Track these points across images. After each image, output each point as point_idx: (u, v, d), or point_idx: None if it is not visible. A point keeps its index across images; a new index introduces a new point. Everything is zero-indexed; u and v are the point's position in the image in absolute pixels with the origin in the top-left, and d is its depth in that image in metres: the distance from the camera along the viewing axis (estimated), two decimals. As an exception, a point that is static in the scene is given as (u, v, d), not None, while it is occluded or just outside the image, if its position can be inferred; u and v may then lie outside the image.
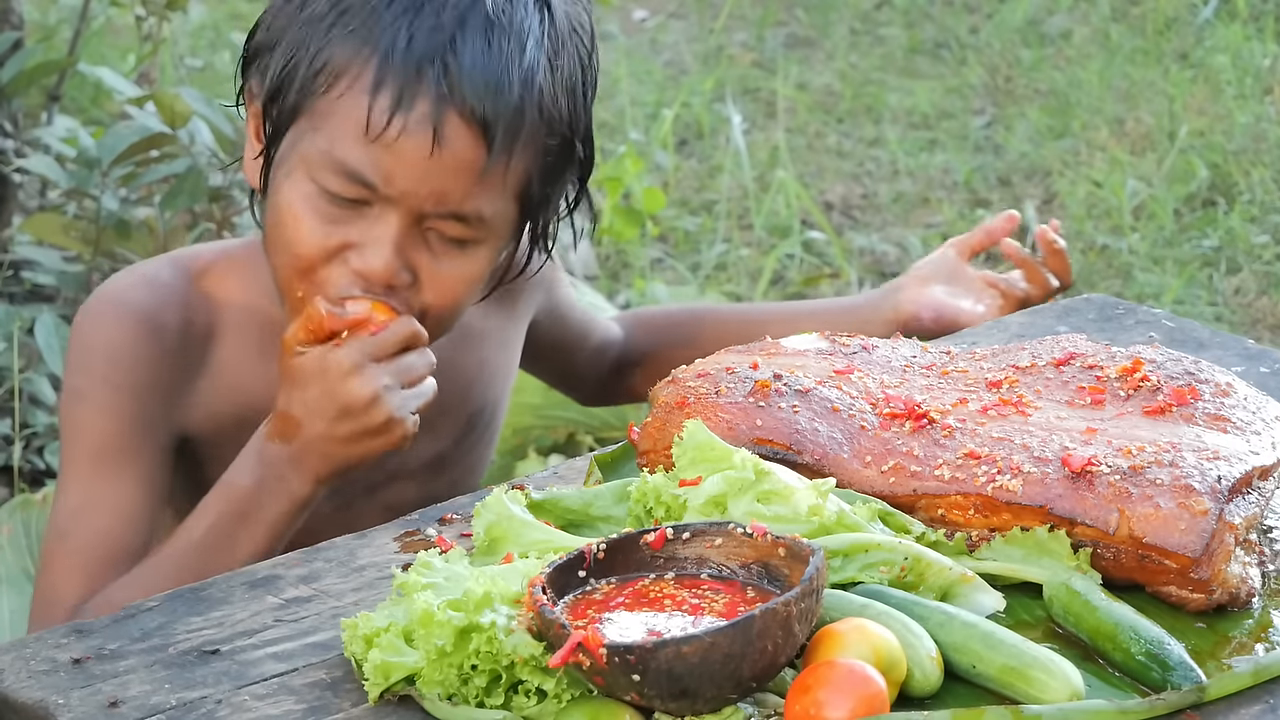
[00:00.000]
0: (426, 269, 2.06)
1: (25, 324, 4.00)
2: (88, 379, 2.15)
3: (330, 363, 2.01)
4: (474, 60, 2.01)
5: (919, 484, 1.92)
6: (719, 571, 1.77)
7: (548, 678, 1.68)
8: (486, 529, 1.87)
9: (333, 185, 2.03)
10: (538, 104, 2.04)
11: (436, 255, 2.07)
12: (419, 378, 2.04)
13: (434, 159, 2.01)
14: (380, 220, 2.04)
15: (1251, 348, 2.39)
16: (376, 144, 2.01)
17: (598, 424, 3.92)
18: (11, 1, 4.40)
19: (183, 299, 2.19)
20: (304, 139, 2.05)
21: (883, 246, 5.26)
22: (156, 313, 2.16)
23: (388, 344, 2.02)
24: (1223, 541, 1.84)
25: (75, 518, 2.12)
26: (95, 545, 2.10)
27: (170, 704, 1.73)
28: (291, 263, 2.06)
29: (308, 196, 2.05)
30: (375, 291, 2.04)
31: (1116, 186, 5.34)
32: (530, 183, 2.08)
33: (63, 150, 4.35)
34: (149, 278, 2.20)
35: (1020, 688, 1.72)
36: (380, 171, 2.02)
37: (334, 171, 2.03)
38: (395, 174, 2.02)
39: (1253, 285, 4.99)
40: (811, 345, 2.12)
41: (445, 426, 2.30)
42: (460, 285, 2.08)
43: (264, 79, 2.08)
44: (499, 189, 2.06)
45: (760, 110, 6.13)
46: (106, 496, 2.12)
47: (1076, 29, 6.54)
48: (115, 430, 2.13)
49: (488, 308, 2.31)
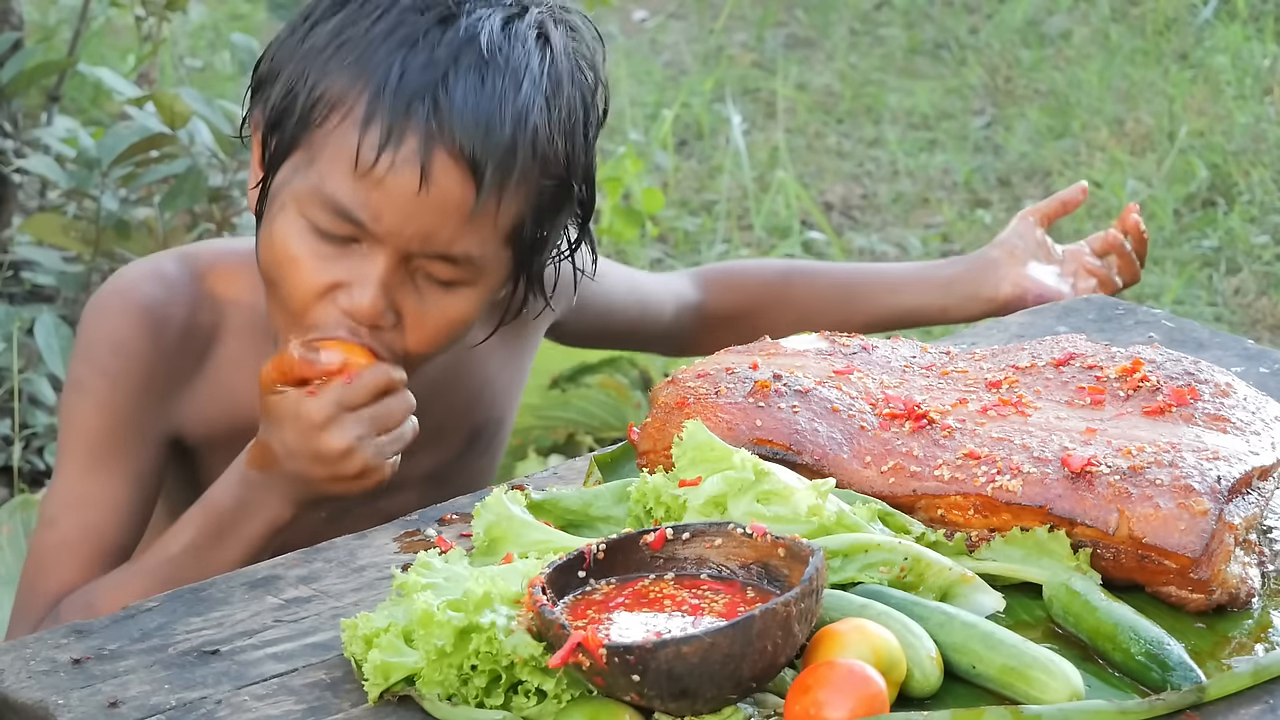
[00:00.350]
0: (412, 311, 2.03)
1: (25, 324, 4.00)
2: (89, 369, 2.16)
3: (303, 412, 1.99)
4: (465, 98, 1.98)
5: (919, 484, 1.92)
6: (719, 572, 1.77)
7: (547, 678, 1.68)
8: (486, 529, 1.87)
9: (322, 222, 2.01)
10: (531, 143, 2.00)
11: (423, 296, 2.04)
12: (395, 423, 2.02)
13: (421, 197, 1.98)
14: (368, 259, 2.01)
15: (1251, 348, 2.39)
16: (365, 180, 1.98)
17: (598, 424, 3.92)
18: (11, 1, 4.40)
19: (189, 297, 2.18)
20: (298, 173, 2.03)
21: (882, 247, 5.26)
22: (162, 308, 2.17)
23: (361, 393, 1.99)
24: (1222, 542, 1.84)
25: (66, 510, 2.13)
26: (82, 539, 2.11)
27: (170, 704, 1.73)
28: (282, 298, 2.05)
29: (300, 233, 2.02)
30: (360, 331, 2.02)
31: (1116, 186, 5.34)
32: (523, 225, 2.04)
33: (63, 150, 4.35)
34: (159, 273, 2.19)
35: (1020, 688, 1.72)
36: (368, 209, 1.99)
37: (323, 208, 2.00)
38: (383, 211, 1.99)
39: (1253, 285, 4.99)
40: (811, 345, 2.12)
41: (446, 442, 2.29)
42: (444, 328, 2.05)
43: (266, 109, 2.07)
44: (489, 230, 2.02)
45: (760, 110, 6.13)
46: (98, 491, 2.13)
47: (1076, 29, 6.54)
48: (111, 425, 2.14)
49: None
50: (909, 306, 2.55)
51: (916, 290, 2.50)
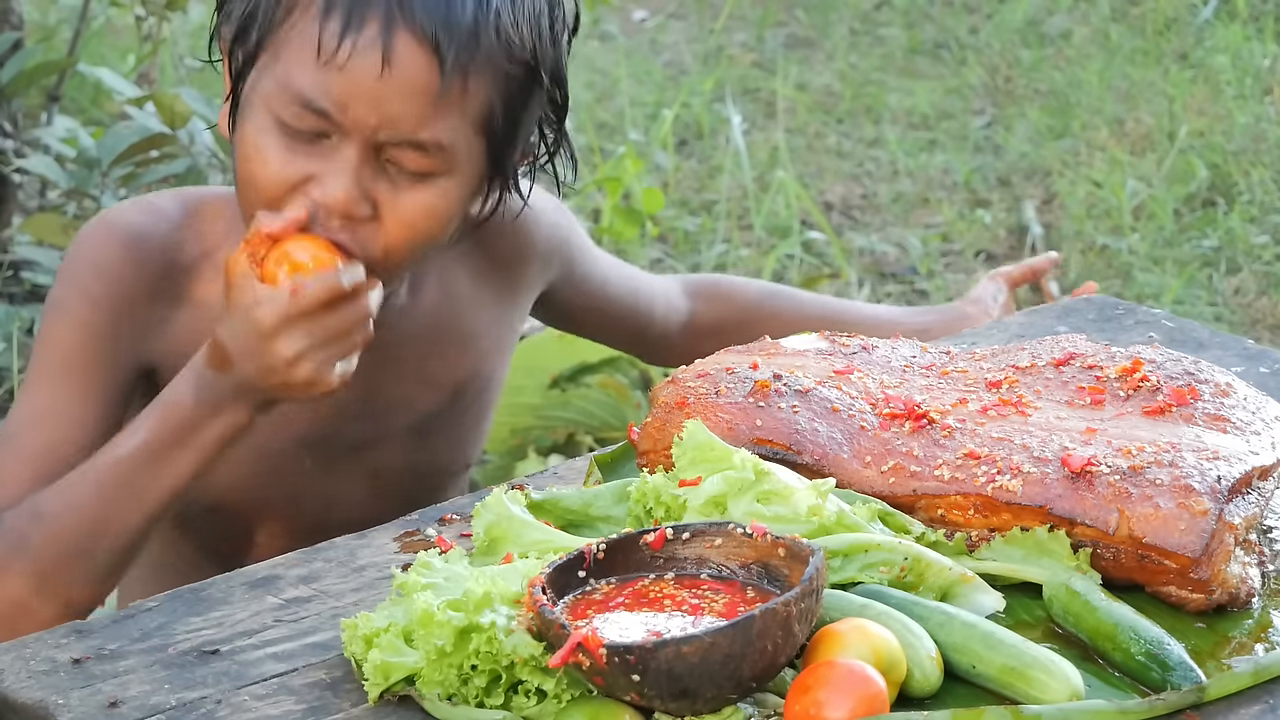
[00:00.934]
0: (387, 202, 2.03)
1: (25, 324, 4.00)
2: (70, 290, 2.16)
3: (253, 318, 1.98)
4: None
5: (919, 484, 1.92)
6: (719, 571, 1.77)
7: (548, 678, 1.68)
8: (486, 529, 1.87)
9: (289, 117, 2.01)
10: (494, 26, 2.01)
11: (397, 188, 2.03)
12: (345, 332, 2.00)
13: (385, 80, 1.98)
14: (338, 151, 2.01)
15: (1251, 348, 2.39)
16: (328, 69, 1.99)
17: (598, 424, 3.92)
18: (11, 1, 4.40)
19: (175, 228, 2.18)
20: (264, 74, 2.04)
21: (882, 247, 5.26)
22: (147, 236, 2.17)
23: (309, 301, 1.97)
24: (1222, 541, 1.84)
25: (28, 426, 2.12)
26: (41, 454, 2.10)
27: (170, 704, 1.73)
28: (254, 199, 2.04)
29: (267, 130, 2.03)
30: (332, 226, 2.01)
31: (1116, 186, 5.34)
32: (493, 113, 2.05)
33: (63, 150, 4.35)
34: (148, 204, 2.20)
35: (1020, 688, 1.72)
36: (332, 97, 1.99)
37: (290, 102, 2.01)
38: (348, 99, 1.99)
39: (1253, 285, 4.99)
40: (811, 345, 2.12)
41: (429, 393, 2.28)
42: (421, 219, 2.04)
43: (231, 24, 2.08)
44: (457, 115, 2.02)
45: (760, 110, 6.13)
46: (63, 409, 2.12)
47: (1076, 29, 6.54)
48: (84, 343, 2.13)
49: (481, 277, 2.29)
50: None
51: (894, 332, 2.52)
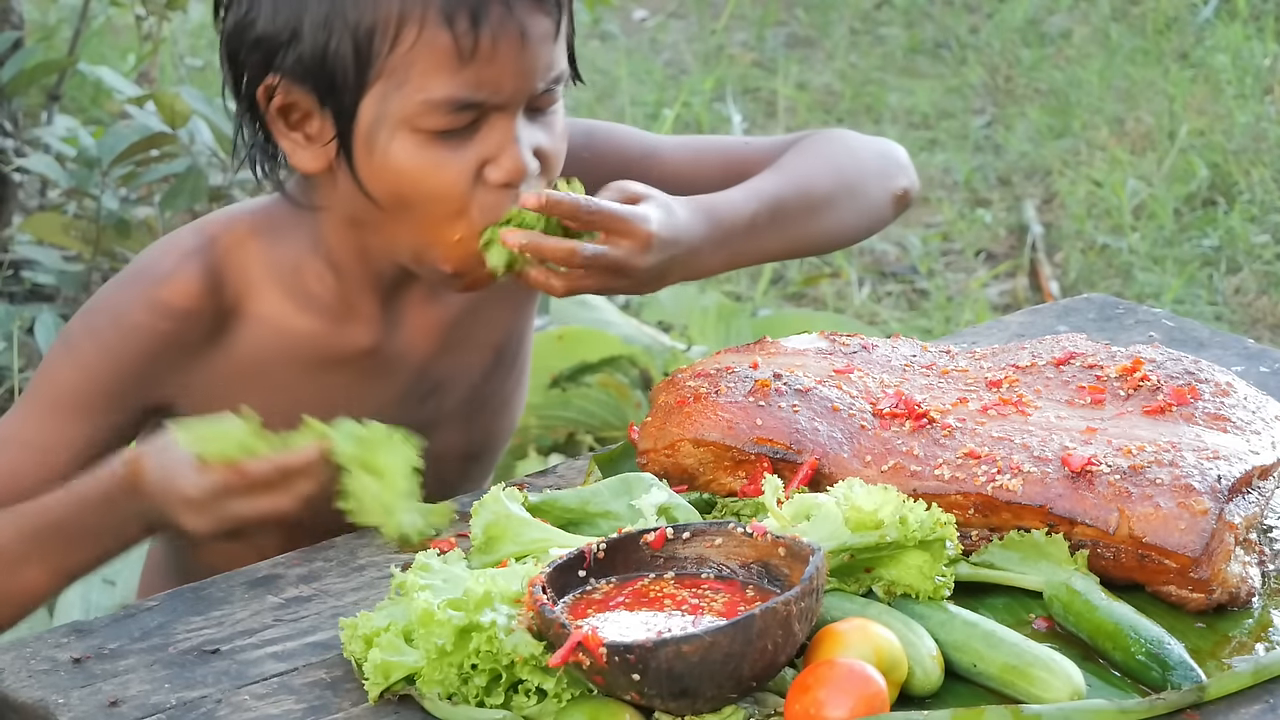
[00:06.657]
0: (544, 143, 2.11)
1: (25, 324, 4.00)
2: (83, 330, 2.15)
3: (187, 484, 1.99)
4: None
5: (919, 484, 1.92)
6: (719, 571, 1.77)
7: (548, 677, 1.68)
8: (484, 528, 1.87)
9: (442, 124, 2.05)
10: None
11: (548, 127, 2.12)
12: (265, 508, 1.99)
13: (525, 49, 2.06)
14: (497, 127, 2.07)
15: (1251, 347, 2.39)
16: (473, 64, 2.04)
17: (598, 423, 3.92)
18: (11, 1, 4.40)
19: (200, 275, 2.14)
20: (389, 100, 2.05)
21: (882, 246, 5.26)
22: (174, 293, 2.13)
23: (244, 485, 1.97)
24: (1223, 541, 1.84)
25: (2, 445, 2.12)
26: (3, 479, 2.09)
27: (170, 703, 1.73)
28: (442, 212, 2.07)
29: (420, 145, 2.06)
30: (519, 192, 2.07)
31: (1116, 186, 5.34)
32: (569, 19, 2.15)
33: (63, 150, 4.35)
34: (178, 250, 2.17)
35: (1021, 687, 1.72)
36: (486, 87, 2.05)
37: (439, 111, 2.05)
38: (500, 81, 2.05)
39: (1253, 285, 4.99)
40: (811, 344, 2.12)
41: (477, 359, 2.29)
42: (562, 141, 2.14)
43: (297, 70, 2.07)
44: (563, 42, 2.13)
45: (760, 110, 6.14)
46: (37, 443, 2.11)
47: (1076, 29, 6.54)
48: (79, 388, 2.12)
49: None
50: None
51: None
